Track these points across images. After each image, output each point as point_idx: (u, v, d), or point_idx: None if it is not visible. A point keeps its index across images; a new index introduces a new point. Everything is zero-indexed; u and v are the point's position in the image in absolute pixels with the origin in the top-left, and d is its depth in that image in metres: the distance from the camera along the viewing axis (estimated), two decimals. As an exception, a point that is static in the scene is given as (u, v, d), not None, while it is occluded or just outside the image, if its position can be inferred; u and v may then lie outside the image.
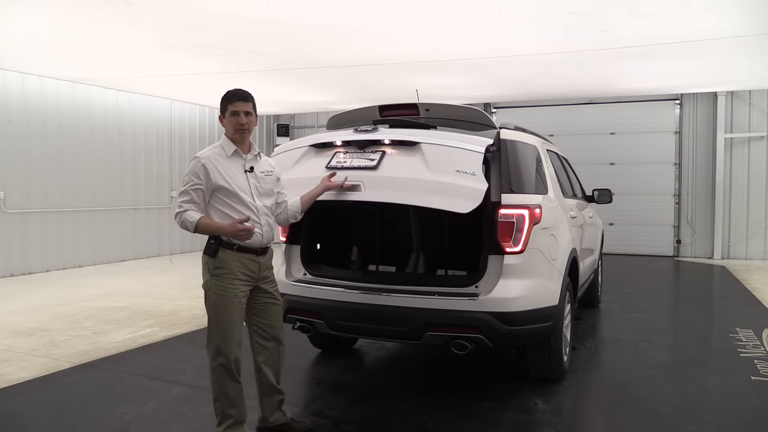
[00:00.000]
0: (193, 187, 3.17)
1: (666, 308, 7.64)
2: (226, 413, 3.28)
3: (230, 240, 3.18)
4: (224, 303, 3.19)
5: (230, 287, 3.20)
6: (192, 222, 3.12)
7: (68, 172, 10.40)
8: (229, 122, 3.29)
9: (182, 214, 3.15)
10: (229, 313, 3.20)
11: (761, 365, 4.88)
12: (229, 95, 3.31)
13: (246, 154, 3.34)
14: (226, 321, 3.20)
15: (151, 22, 6.88)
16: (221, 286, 3.19)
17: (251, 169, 3.32)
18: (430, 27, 7.14)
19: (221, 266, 3.19)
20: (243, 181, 3.27)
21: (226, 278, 3.20)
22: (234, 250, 3.20)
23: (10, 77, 9.49)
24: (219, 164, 3.23)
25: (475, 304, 3.75)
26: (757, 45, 7.91)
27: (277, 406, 3.53)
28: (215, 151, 3.29)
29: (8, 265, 9.51)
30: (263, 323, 3.42)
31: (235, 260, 3.20)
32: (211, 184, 3.18)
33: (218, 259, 3.19)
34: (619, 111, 12.70)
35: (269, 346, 3.46)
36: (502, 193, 3.88)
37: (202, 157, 3.25)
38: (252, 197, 3.28)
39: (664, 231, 12.56)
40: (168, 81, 10.35)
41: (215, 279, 3.21)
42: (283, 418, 3.54)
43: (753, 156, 11.89)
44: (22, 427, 3.74)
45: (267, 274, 3.41)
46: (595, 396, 4.38)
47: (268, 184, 3.40)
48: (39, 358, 5.07)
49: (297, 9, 6.38)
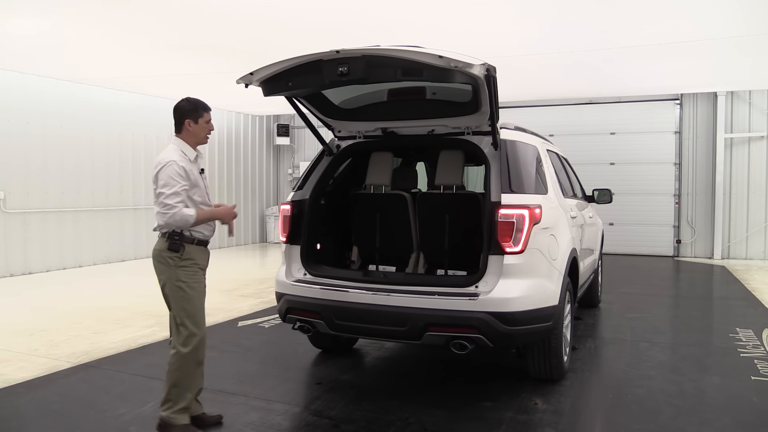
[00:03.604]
0: (182, 187, 3.42)
1: (666, 308, 7.64)
2: (183, 396, 3.45)
3: (192, 235, 3.49)
4: (195, 290, 3.47)
5: (197, 275, 3.51)
6: (192, 215, 3.40)
7: (68, 172, 10.40)
8: (203, 128, 3.62)
9: (178, 211, 3.37)
10: (199, 298, 3.50)
11: (761, 365, 4.88)
12: (205, 104, 3.65)
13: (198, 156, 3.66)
14: (197, 307, 3.48)
15: (152, 22, 6.88)
16: (190, 275, 3.47)
17: (202, 171, 3.66)
18: (430, 27, 7.14)
19: (189, 258, 3.47)
20: (200, 180, 3.61)
21: (193, 268, 3.49)
22: (194, 244, 3.51)
23: (10, 77, 9.49)
24: (188, 166, 3.52)
25: (475, 304, 3.75)
26: (757, 45, 7.92)
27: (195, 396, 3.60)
28: (180, 155, 3.52)
29: (8, 265, 9.51)
30: None
31: (197, 252, 3.52)
32: (190, 184, 3.48)
33: (186, 252, 3.47)
34: (619, 111, 12.69)
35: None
36: (502, 193, 3.89)
37: (178, 160, 3.47)
38: (207, 196, 3.66)
39: (664, 231, 12.55)
40: (168, 81, 10.35)
41: (183, 270, 3.45)
42: (197, 410, 3.62)
43: (753, 156, 11.88)
44: (22, 427, 3.74)
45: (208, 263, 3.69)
46: (595, 396, 4.38)
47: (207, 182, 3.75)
48: (39, 358, 5.07)
49: (297, 9, 6.38)
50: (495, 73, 3.57)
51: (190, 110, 3.58)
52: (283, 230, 4.56)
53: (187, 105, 3.60)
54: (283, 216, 4.58)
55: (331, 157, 4.74)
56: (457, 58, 3.32)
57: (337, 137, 4.85)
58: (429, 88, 4.25)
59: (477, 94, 3.85)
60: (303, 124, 4.70)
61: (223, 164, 14.06)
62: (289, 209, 4.54)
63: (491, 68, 3.52)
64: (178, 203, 3.38)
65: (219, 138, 13.94)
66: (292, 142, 15.74)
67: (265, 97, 4.06)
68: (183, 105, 3.61)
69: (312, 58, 3.65)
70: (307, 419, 3.83)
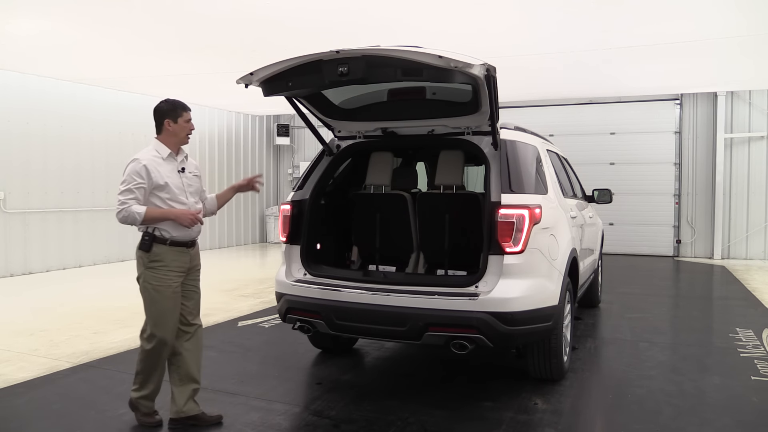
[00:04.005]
0: (136, 185, 3.43)
1: (666, 308, 7.64)
2: (145, 385, 3.61)
3: (163, 235, 3.50)
4: (159, 293, 3.50)
5: (165, 278, 3.51)
6: (140, 213, 3.40)
7: (68, 172, 10.40)
8: (182, 128, 3.63)
9: (127, 209, 3.40)
10: (164, 301, 3.51)
11: (761, 365, 4.88)
12: (184, 104, 3.67)
13: (177, 156, 3.65)
14: (161, 310, 3.51)
15: (152, 22, 6.88)
16: (156, 277, 3.50)
17: (183, 170, 3.65)
18: (430, 28, 7.15)
19: (156, 259, 3.50)
20: (177, 180, 3.60)
21: (161, 270, 3.51)
22: (167, 245, 3.52)
23: (10, 77, 9.49)
24: (158, 165, 3.53)
25: (475, 304, 3.75)
26: (757, 45, 7.92)
27: (191, 395, 3.65)
28: (152, 154, 3.56)
29: (8, 265, 9.51)
30: (185, 309, 3.66)
31: (168, 253, 3.52)
32: (152, 183, 3.48)
33: (153, 253, 3.50)
34: (619, 111, 12.69)
35: (190, 331, 3.69)
36: (502, 193, 3.89)
37: (143, 159, 3.50)
38: (185, 195, 3.62)
39: (664, 231, 12.55)
40: (168, 81, 10.35)
41: (150, 271, 3.51)
42: (195, 410, 3.65)
43: (753, 156, 11.88)
44: (22, 427, 3.75)
45: (195, 264, 3.72)
46: (595, 396, 4.38)
47: (195, 183, 3.75)
48: (39, 358, 5.07)
49: (298, 9, 6.38)
50: (495, 73, 3.58)
51: (169, 110, 3.62)
52: (283, 230, 4.56)
53: (165, 105, 3.65)
54: (283, 216, 4.58)
55: (331, 157, 4.74)
56: (457, 58, 3.33)
57: (337, 137, 4.85)
58: (429, 88, 4.25)
59: (477, 94, 3.85)
60: (303, 124, 4.70)
61: (223, 164, 14.05)
62: (289, 209, 4.54)
63: (491, 68, 3.53)
64: (129, 200, 3.41)
65: (219, 138, 13.95)
66: (292, 142, 15.74)
67: (265, 97, 4.06)
68: (162, 106, 3.65)
69: (312, 58, 3.65)
70: (307, 419, 3.83)
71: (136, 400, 3.66)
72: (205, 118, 13.47)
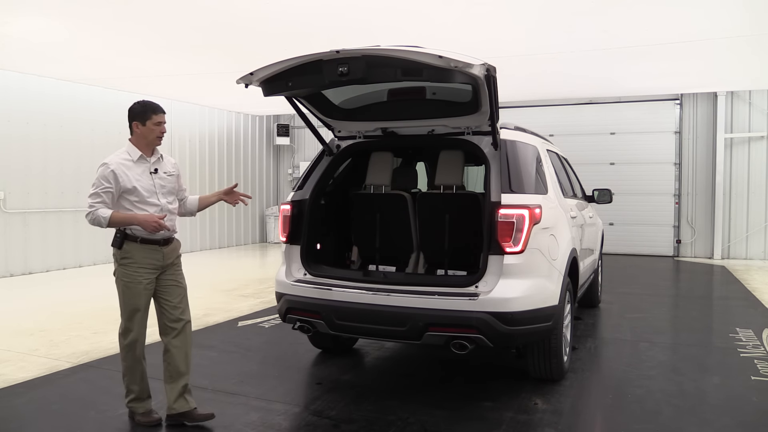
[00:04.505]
0: (104, 189, 3.51)
1: (666, 308, 7.64)
2: (130, 388, 3.67)
3: (134, 233, 3.56)
4: (130, 289, 3.57)
5: (135, 275, 3.56)
6: (105, 217, 3.46)
7: (68, 172, 10.40)
8: (152, 130, 3.63)
9: (94, 212, 3.48)
10: (134, 298, 3.57)
11: (761, 365, 4.88)
12: (154, 107, 3.67)
13: (150, 157, 3.68)
14: (132, 305, 3.58)
15: (152, 22, 6.88)
16: (127, 274, 3.57)
17: (156, 171, 3.67)
18: (429, 28, 7.15)
19: (126, 256, 3.57)
20: (149, 182, 3.63)
21: (131, 267, 3.56)
22: (138, 242, 3.57)
23: (10, 77, 9.49)
24: (127, 168, 3.58)
25: (475, 304, 3.75)
26: (757, 45, 7.92)
27: (181, 392, 3.64)
28: (122, 157, 3.61)
29: (8, 265, 9.51)
30: (168, 305, 3.70)
31: (139, 251, 3.57)
32: (120, 187, 3.53)
33: (124, 251, 3.57)
34: (619, 111, 12.69)
35: (177, 327, 3.70)
36: (502, 193, 3.89)
37: (111, 163, 3.56)
38: (157, 197, 3.64)
39: (664, 231, 12.56)
40: (168, 81, 10.35)
41: (122, 268, 3.58)
42: (185, 406, 3.64)
43: (753, 156, 11.89)
44: (22, 427, 3.74)
45: (172, 261, 3.72)
46: (595, 396, 4.38)
47: (170, 183, 3.76)
48: (39, 358, 5.07)
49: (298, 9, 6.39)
50: (495, 73, 3.58)
51: (138, 113, 3.63)
52: (283, 230, 4.56)
53: (136, 107, 3.65)
54: (283, 216, 4.58)
55: (331, 157, 4.74)
56: (457, 58, 3.33)
57: (337, 137, 4.85)
58: (429, 88, 4.25)
59: (477, 94, 3.85)
60: (303, 124, 4.70)
61: (223, 164, 14.05)
62: (289, 209, 4.54)
63: (491, 68, 3.53)
64: (96, 203, 3.49)
65: (219, 138, 13.95)
66: (292, 142, 15.74)
67: (265, 97, 4.06)
68: (133, 107, 3.66)
69: (312, 58, 3.65)
70: (307, 419, 3.83)
71: (129, 405, 3.71)
72: (205, 118, 13.47)
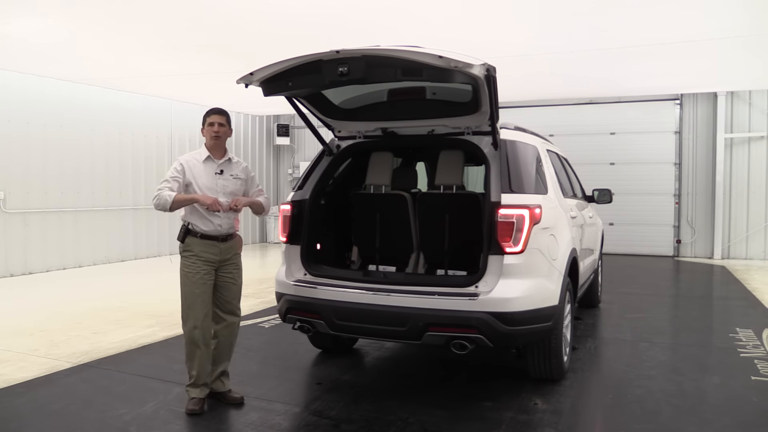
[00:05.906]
0: (173, 176, 3.89)
1: (666, 308, 7.64)
2: (190, 373, 3.95)
3: (194, 228, 3.90)
4: (188, 278, 3.89)
5: (193, 266, 3.88)
6: (171, 195, 3.78)
7: (68, 172, 10.40)
8: (207, 131, 4.02)
9: (161, 193, 3.79)
10: (192, 286, 3.87)
11: (761, 365, 4.88)
12: (209, 111, 4.07)
13: (218, 159, 4.01)
14: (190, 294, 3.89)
15: (152, 22, 6.88)
16: (187, 264, 3.91)
17: (221, 172, 3.99)
18: (429, 29, 7.14)
19: (187, 249, 3.92)
20: (212, 182, 3.95)
21: (190, 258, 3.90)
22: (198, 237, 3.90)
23: (10, 77, 9.49)
24: (194, 166, 3.96)
25: (475, 304, 3.75)
26: (757, 45, 7.92)
27: (219, 375, 4.05)
28: (193, 156, 4.04)
29: (8, 265, 9.51)
30: (222, 299, 4.03)
31: (198, 245, 3.90)
32: (185, 180, 3.91)
33: (186, 244, 3.92)
34: (619, 111, 12.69)
35: (226, 318, 4.07)
36: (502, 193, 3.89)
37: (182, 158, 4.03)
38: (217, 196, 3.92)
39: (664, 231, 12.56)
40: (168, 81, 10.35)
41: (183, 259, 3.93)
42: (221, 388, 4.06)
43: (753, 156, 11.89)
44: (22, 427, 3.74)
45: (229, 258, 4.02)
46: (595, 396, 4.38)
47: (234, 185, 4.05)
48: (39, 358, 5.07)
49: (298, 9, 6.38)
50: (495, 73, 3.58)
51: (203, 118, 4.06)
52: (283, 230, 4.56)
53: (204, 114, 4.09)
54: (283, 216, 4.58)
55: (331, 157, 4.74)
56: (457, 58, 3.32)
57: (337, 137, 4.85)
58: (429, 88, 4.25)
59: (477, 94, 3.85)
60: (303, 124, 4.71)
61: (223, 164, 14.03)
62: (289, 209, 4.54)
63: (491, 68, 3.52)
64: (163, 186, 3.82)
65: (219, 138, 13.93)
66: (292, 142, 15.74)
67: (265, 97, 4.08)
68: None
69: (312, 58, 3.65)
70: (307, 419, 3.83)
71: (186, 388, 3.97)
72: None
